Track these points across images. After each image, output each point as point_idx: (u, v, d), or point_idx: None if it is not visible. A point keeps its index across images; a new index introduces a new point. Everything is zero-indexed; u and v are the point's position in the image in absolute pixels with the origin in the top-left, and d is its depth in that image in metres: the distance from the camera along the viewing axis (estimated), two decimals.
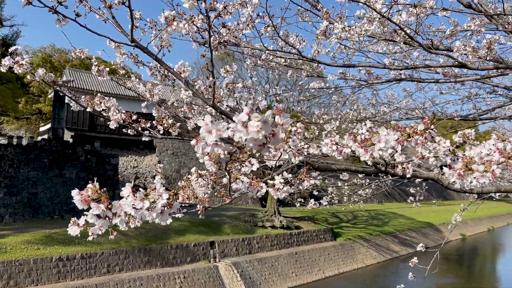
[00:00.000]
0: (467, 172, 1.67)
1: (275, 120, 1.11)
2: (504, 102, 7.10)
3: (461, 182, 1.70)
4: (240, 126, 1.06)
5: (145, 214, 1.21)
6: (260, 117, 1.06)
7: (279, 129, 1.11)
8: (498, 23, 4.62)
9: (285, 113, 1.14)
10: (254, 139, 1.07)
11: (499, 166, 1.77)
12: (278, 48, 3.84)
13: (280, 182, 1.95)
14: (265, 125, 1.07)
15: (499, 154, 1.72)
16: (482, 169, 1.63)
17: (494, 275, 30.83)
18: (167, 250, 21.09)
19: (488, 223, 53.27)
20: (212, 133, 1.13)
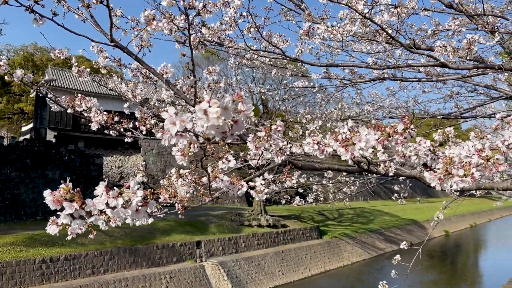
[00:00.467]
0: (447, 177, 1.69)
1: (237, 107, 1.10)
2: (484, 101, 7.23)
3: (442, 186, 1.72)
4: (200, 113, 1.06)
5: (120, 213, 1.20)
6: (219, 103, 1.05)
7: (241, 116, 1.10)
8: (478, 23, 4.70)
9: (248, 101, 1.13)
10: (215, 126, 1.06)
11: (478, 169, 1.80)
12: (262, 48, 3.84)
13: (261, 184, 1.95)
14: (226, 112, 1.07)
15: (477, 157, 1.75)
16: (462, 174, 1.66)
17: (477, 270, 31.41)
18: (153, 250, 20.94)
19: (471, 220, 54.23)
20: (176, 124, 1.12)
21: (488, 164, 1.71)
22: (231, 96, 1.14)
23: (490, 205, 52.67)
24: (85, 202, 1.17)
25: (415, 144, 2.12)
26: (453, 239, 42.91)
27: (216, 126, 1.10)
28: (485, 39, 4.11)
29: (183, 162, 1.36)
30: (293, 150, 2.82)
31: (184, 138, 1.23)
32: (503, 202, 20.21)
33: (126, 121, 3.22)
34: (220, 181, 1.77)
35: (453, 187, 1.66)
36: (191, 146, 1.31)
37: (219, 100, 1.09)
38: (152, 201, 1.36)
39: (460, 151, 1.80)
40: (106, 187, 1.18)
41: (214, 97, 1.12)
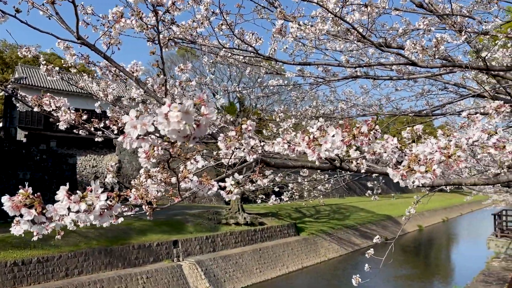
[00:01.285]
0: (409, 173, 1.73)
1: (200, 110, 1.09)
2: (454, 98, 7.42)
3: (405, 182, 1.76)
4: (161, 118, 1.04)
5: (82, 218, 1.17)
6: (180, 107, 1.04)
7: (204, 120, 1.10)
8: (447, 23, 4.81)
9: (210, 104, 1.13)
10: (176, 130, 1.05)
11: (440, 166, 1.85)
12: (235, 46, 3.83)
13: (231, 184, 1.94)
14: (187, 116, 1.05)
15: (439, 154, 1.79)
16: (423, 170, 1.69)
17: (449, 264, 32.30)
18: (129, 250, 20.66)
19: (443, 214, 55.72)
20: (137, 127, 1.11)
21: (450, 161, 1.75)
22: (192, 99, 1.13)
23: (461, 200, 54.25)
24: (45, 207, 1.13)
25: (383, 141, 2.16)
26: (426, 234, 43.99)
27: (177, 130, 1.09)
28: (454, 38, 4.21)
29: (147, 165, 1.34)
30: (266, 148, 2.83)
31: (146, 141, 1.21)
32: (473, 197, 20.83)
33: (97, 121, 3.15)
34: (189, 181, 1.75)
35: (415, 183, 1.70)
36: (155, 149, 1.29)
37: (180, 104, 1.08)
38: (116, 204, 1.34)
39: (424, 148, 1.85)
40: (68, 191, 1.15)
41: (186, 97, 1.10)
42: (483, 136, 2.38)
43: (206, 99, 1.17)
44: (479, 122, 2.66)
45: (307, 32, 3.59)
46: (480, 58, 4.45)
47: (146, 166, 1.39)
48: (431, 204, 54.17)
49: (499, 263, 24.73)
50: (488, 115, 2.76)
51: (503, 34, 4.52)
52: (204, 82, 5.02)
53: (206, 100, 1.15)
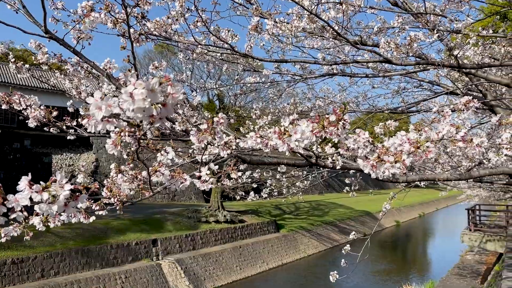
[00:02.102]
0: (379, 163, 1.76)
1: (167, 90, 1.08)
2: (428, 96, 7.58)
3: (375, 172, 1.79)
4: (126, 96, 1.03)
5: (44, 208, 1.15)
6: (145, 84, 1.03)
7: (170, 99, 1.09)
8: (420, 21, 4.90)
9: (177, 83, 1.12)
10: (141, 108, 1.04)
11: (410, 156, 1.89)
12: (211, 43, 3.81)
13: (206, 174, 1.94)
14: (152, 94, 1.04)
15: (409, 145, 1.84)
16: (393, 160, 1.73)
17: (425, 258, 33.01)
18: (107, 250, 20.37)
19: (420, 210, 56.91)
20: (102, 109, 1.09)
21: (419, 151, 1.79)
22: (157, 78, 1.11)
23: (437, 195, 55.57)
24: (6, 197, 1.11)
25: (355, 135, 2.19)
26: (403, 229, 44.83)
27: (142, 108, 1.07)
28: (427, 36, 4.30)
29: (114, 151, 1.32)
30: (241, 145, 2.83)
31: (111, 123, 1.19)
32: (448, 192, 21.33)
33: (69, 118, 3.09)
34: (161, 175, 1.74)
35: (385, 173, 1.73)
36: (122, 135, 1.27)
37: (145, 82, 1.07)
38: (82, 195, 1.32)
39: (394, 140, 1.88)
40: (30, 181, 1.13)
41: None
42: (452, 130, 2.44)
43: (173, 79, 1.16)
44: (449, 117, 2.72)
45: (283, 29, 3.60)
46: (452, 56, 4.56)
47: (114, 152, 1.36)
48: (408, 199, 55.28)
49: (472, 257, 25.41)
50: (457, 111, 2.83)
51: (474, 33, 4.63)
52: (181, 79, 4.99)
53: (172, 79, 1.14)
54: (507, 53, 4.82)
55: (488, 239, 19.82)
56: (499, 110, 5.89)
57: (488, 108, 6.32)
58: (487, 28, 4.75)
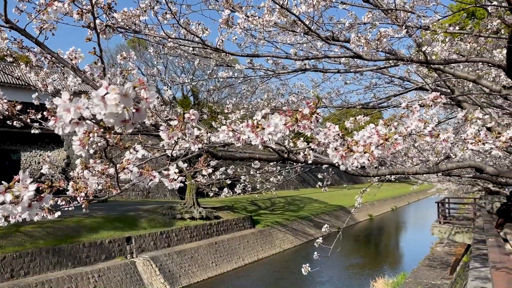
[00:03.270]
0: (348, 154, 1.77)
1: (140, 94, 1.05)
2: (399, 91, 7.73)
3: (344, 163, 1.81)
4: (97, 100, 0.99)
5: (8, 209, 1.10)
6: (119, 89, 0.99)
7: (144, 104, 1.05)
8: (390, 17, 4.98)
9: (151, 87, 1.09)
10: (113, 113, 1.00)
11: (378, 148, 1.92)
12: (182, 36, 3.76)
13: (174, 172, 1.91)
14: (125, 99, 1.01)
15: (377, 137, 1.87)
16: (361, 150, 1.75)
17: (397, 251, 33.80)
18: (79, 249, 19.94)
19: (392, 203, 58.19)
20: (71, 111, 1.05)
21: (387, 143, 1.82)
22: (132, 82, 1.08)
23: (408, 189, 56.97)
24: None
25: (325, 129, 2.21)
26: (377, 222, 45.76)
27: (114, 114, 1.04)
28: (397, 32, 4.37)
29: (82, 152, 1.28)
30: (212, 139, 2.81)
31: (80, 126, 1.15)
32: (418, 186, 21.87)
33: (34, 112, 3.00)
34: (129, 172, 1.70)
35: (354, 164, 1.75)
36: (91, 136, 1.23)
37: (119, 86, 1.03)
38: (47, 196, 1.27)
39: (364, 132, 1.91)
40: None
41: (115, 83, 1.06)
42: (420, 125, 2.49)
43: (147, 83, 1.13)
44: (418, 112, 2.78)
45: (255, 23, 3.58)
46: (421, 52, 4.65)
47: (80, 154, 1.32)
48: (380, 194, 56.35)
49: (442, 248, 26.19)
50: (426, 106, 2.89)
51: (442, 29, 4.74)
52: (151, 73, 4.90)
53: (146, 83, 1.11)
54: (473, 50, 4.96)
55: (457, 231, 20.44)
56: (466, 105, 6.06)
57: (456, 104, 6.49)
58: (453, 25, 4.87)
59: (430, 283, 17.72)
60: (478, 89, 7.54)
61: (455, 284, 14.38)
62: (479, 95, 6.84)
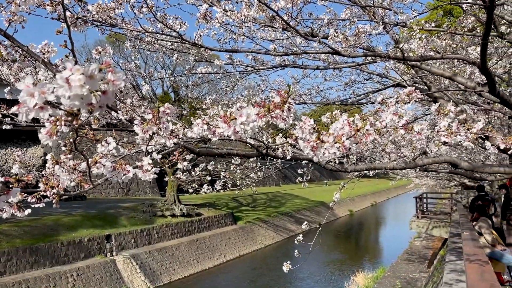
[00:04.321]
0: (319, 144, 1.78)
1: (108, 76, 1.03)
2: (377, 88, 7.83)
3: (316, 154, 1.82)
4: (62, 81, 0.96)
5: None
6: (83, 70, 0.97)
7: (111, 86, 1.03)
8: (368, 14, 5.03)
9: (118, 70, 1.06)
10: (78, 95, 0.98)
11: (350, 139, 1.94)
12: (159, 31, 3.71)
13: (148, 163, 1.89)
14: (91, 80, 0.98)
15: (349, 128, 1.88)
16: (332, 140, 1.76)
17: (377, 245, 34.31)
18: (57, 247, 19.59)
19: (372, 199, 59.02)
20: (35, 95, 1.02)
21: (358, 134, 1.84)
22: (97, 63, 1.06)
23: (388, 185, 57.84)
24: None
25: (301, 123, 2.22)
26: (357, 218, 46.34)
27: (79, 96, 1.01)
28: (371, 28, 4.41)
29: (48, 142, 1.25)
30: (189, 134, 2.78)
31: (44, 110, 1.12)
32: (397, 181, 22.23)
33: (5, 107, 2.92)
34: (102, 167, 1.67)
35: (325, 154, 1.76)
36: (58, 124, 1.20)
37: (84, 67, 1.01)
38: (15, 189, 1.24)
39: (336, 124, 1.92)
40: None
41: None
42: (394, 118, 2.53)
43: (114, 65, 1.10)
44: (393, 107, 2.82)
45: (233, 18, 3.57)
46: (398, 48, 4.71)
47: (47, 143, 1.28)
48: (361, 189, 57.10)
49: (420, 242, 26.71)
50: (401, 101, 2.94)
51: (418, 26, 4.81)
52: (129, 68, 4.84)
53: (113, 66, 1.09)
54: (448, 47, 5.05)
55: (434, 226, 20.87)
56: (442, 101, 6.18)
57: (433, 100, 6.61)
58: (429, 21, 4.95)
59: (408, 277, 18.06)
60: (454, 86, 7.70)
61: (433, 277, 14.69)
62: (455, 92, 6.99)
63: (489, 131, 2.87)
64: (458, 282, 6.52)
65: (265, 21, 4.09)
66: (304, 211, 40.38)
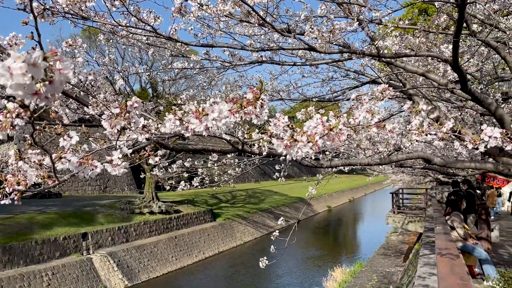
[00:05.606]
0: (293, 143, 1.78)
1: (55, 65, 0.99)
2: (354, 85, 7.90)
3: (289, 152, 1.81)
4: (3, 69, 0.92)
5: None
6: (25, 57, 0.93)
7: (58, 75, 0.99)
8: (344, 10, 5.06)
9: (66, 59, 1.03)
10: (20, 84, 0.94)
11: (323, 138, 1.95)
12: (133, 24, 3.64)
13: (118, 157, 1.85)
14: (34, 68, 0.94)
15: (322, 127, 1.89)
16: (305, 139, 1.76)
17: (355, 241, 34.80)
18: (32, 246, 19.14)
19: (350, 195, 59.80)
20: None
21: (331, 133, 1.84)
22: (41, 51, 1.02)
23: (365, 181, 58.70)
24: None
25: (275, 120, 2.21)
26: (335, 213, 46.89)
27: (22, 85, 0.97)
28: (349, 24, 4.44)
29: (0, 135, 1.20)
30: (162, 130, 2.74)
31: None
32: (374, 177, 22.56)
33: None
34: (66, 162, 1.63)
35: (298, 153, 1.76)
36: (9, 117, 1.15)
37: (26, 55, 0.97)
38: None
39: (310, 123, 1.92)
40: None
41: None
42: (367, 116, 2.55)
43: (61, 53, 1.06)
44: (366, 104, 2.85)
45: (209, 12, 3.53)
46: (373, 45, 4.76)
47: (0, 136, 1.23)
48: (338, 185, 57.68)
49: (396, 237, 27.22)
50: (375, 98, 2.97)
51: (393, 24, 4.87)
52: (103, 62, 4.74)
53: (61, 54, 1.05)
54: (422, 44, 5.13)
55: (410, 220, 21.28)
56: (416, 98, 6.28)
57: (407, 97, 6.71)
58: (403, 19, 5.02)
59: (385, 271, 18.40)
60: (429, 83, 7.84)
61: (408, 271, 15.00)
62: (429, 89, 7.11)
63: (458, 130, 2.93)
64: (431, 275, 6.67)
65: (242, 16, 4.06)
66: (283, 207, 40.60)
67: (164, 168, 6.66)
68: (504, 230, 15.87)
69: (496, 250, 11.85)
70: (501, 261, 10.73)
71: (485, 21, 5.65)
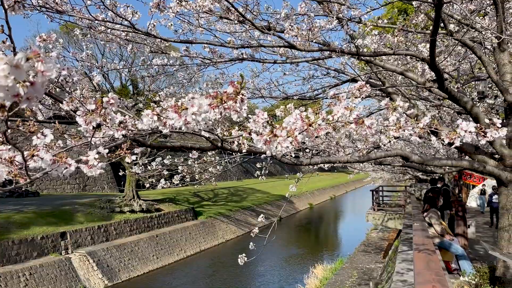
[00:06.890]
0: (272, 138, 1.78)
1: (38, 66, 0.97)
2: (335, 83, 7.96)
3: (268, 148, 1.81)
4: None
5: None
6: (8, 59, 0.91)
7: (40, 77, 0.97)
8: (324, 8, 5.08)
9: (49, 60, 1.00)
10: (3, 86, 0.91)
11: (302, 133, 1.96)
12: (110, 19, 3.58)
13: (94, 158, 1.82)
14: (17, 70, 0.92)
15: (301, 122, 1.90)
16: (285, 134, 1.76)
17: (336, 238, 35.14)
18: (8, 246, 18.71)
19: (331, 192, 60.33)
20: None
21: (311, 129, 1.85)
22: (24, 52, 0.99)
23: (346, 179, 59.29)
24: None
25: (254, 116, 2.21)
26: (316, 211, 47.25)
27: (4, 87, 0.94)
28: (329, 23, 4.47)
29: None
30: (140, 126, 2.71)
31: None
32: (355, 175, 22.82)
33: None
34: (39, 160, 1.59)
35: (278, 148, 1.76)
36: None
37: (9, 56, 0.94)
38: None
39: (289, 118, 1.93)
40: None
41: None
42: (345, 112, 2.57)
43: (44, 54, 1.04)
44: (344, 101, 2.87)
45: (188, 8, 3.50)
46: (352, 44, 4.80)
47: None
48: (320, 183, 58.11)
49: (376, 234, 27.61)
50: (352, 95, 2.99)
51: (372, 23, 4.92)
52: (80, 58, 4.64)
53: (43, 55, 1.02)
54: (400, 43, 5.20)
55: (390, 218, 21.59)
56: (395, 97, 6.37)
57: (387, 95, 6.80)
58: (382, 18, 5.08)
59: (365, 267, 18.64)
60: (408, 82, 7.96)
61: (387, 267, 15.23)
62: (408, 88, 7.22)
63: (435, 126, 2.98)
64: (409, 271, 6.78)
65: (221, 13, 4.04)
66: (266, 205, 40.69)
67: (144, 166, 6.59)
68: (480, 226, 16.27)
69: (472, 246, 12.13)
70: (477, 256, 10.99)
71: (462, 21, 5.76)
